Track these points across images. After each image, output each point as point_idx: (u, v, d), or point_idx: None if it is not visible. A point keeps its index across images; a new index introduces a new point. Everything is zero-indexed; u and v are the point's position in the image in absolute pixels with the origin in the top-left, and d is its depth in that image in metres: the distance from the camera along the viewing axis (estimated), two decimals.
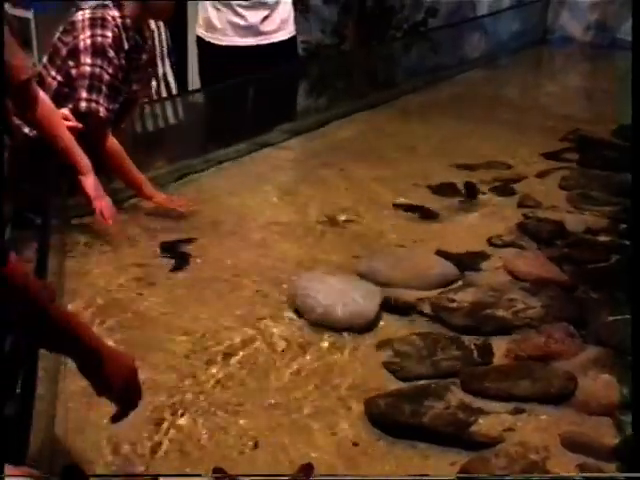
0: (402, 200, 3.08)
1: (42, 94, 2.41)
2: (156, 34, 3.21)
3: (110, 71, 2.56)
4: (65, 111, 2.54)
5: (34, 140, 2.54)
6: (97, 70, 2.54)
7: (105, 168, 2.65)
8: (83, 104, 2.55)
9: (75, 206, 2.70)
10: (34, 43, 4.53)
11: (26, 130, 2.58)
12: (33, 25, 4.54)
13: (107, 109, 2.57)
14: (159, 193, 2.82)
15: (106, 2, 2.63)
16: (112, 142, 2.65)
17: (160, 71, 3.33)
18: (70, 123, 2.50)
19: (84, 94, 2.54)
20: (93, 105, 2.55)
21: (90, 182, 2.48)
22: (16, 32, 2.61)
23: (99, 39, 2.54)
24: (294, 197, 3.11)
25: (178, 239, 2.65)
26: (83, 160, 2.47)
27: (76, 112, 2.54)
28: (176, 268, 2.47)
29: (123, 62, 2.62)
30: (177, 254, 2.55)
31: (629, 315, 1.87)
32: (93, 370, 1.32)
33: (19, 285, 1.15)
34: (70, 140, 2.44)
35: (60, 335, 1.25)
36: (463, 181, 3.22)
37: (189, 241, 2.64)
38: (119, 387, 1.35)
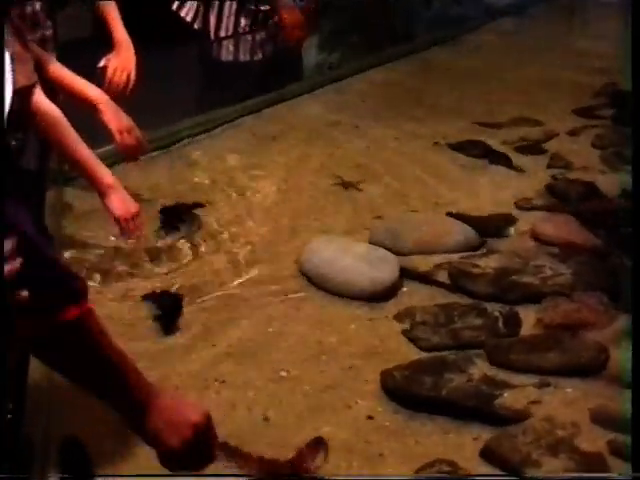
0: (422, 159, 2.97)
1: (48, 106, 2.09)
2: None
3: None
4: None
5: None
6: None
7: None
8: None
9: None
10: None
11: None
12: None
13: None
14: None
15: None
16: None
17: None
18: None
19: None
20: None
21: (115, 203, 2.04)
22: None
23: None
24: (306, 157, 3.00)
25: (182, 202, 2.56)
26: (105, 178, 2.02)
27: None
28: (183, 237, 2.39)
29: None
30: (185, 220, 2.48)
31: None
32: (141, 425, 1.06)
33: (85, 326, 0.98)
34: (88, 157, 2.00)
35: (106, 379, 1.04)
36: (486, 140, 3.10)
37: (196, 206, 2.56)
38: (171, 447, 1.06)
